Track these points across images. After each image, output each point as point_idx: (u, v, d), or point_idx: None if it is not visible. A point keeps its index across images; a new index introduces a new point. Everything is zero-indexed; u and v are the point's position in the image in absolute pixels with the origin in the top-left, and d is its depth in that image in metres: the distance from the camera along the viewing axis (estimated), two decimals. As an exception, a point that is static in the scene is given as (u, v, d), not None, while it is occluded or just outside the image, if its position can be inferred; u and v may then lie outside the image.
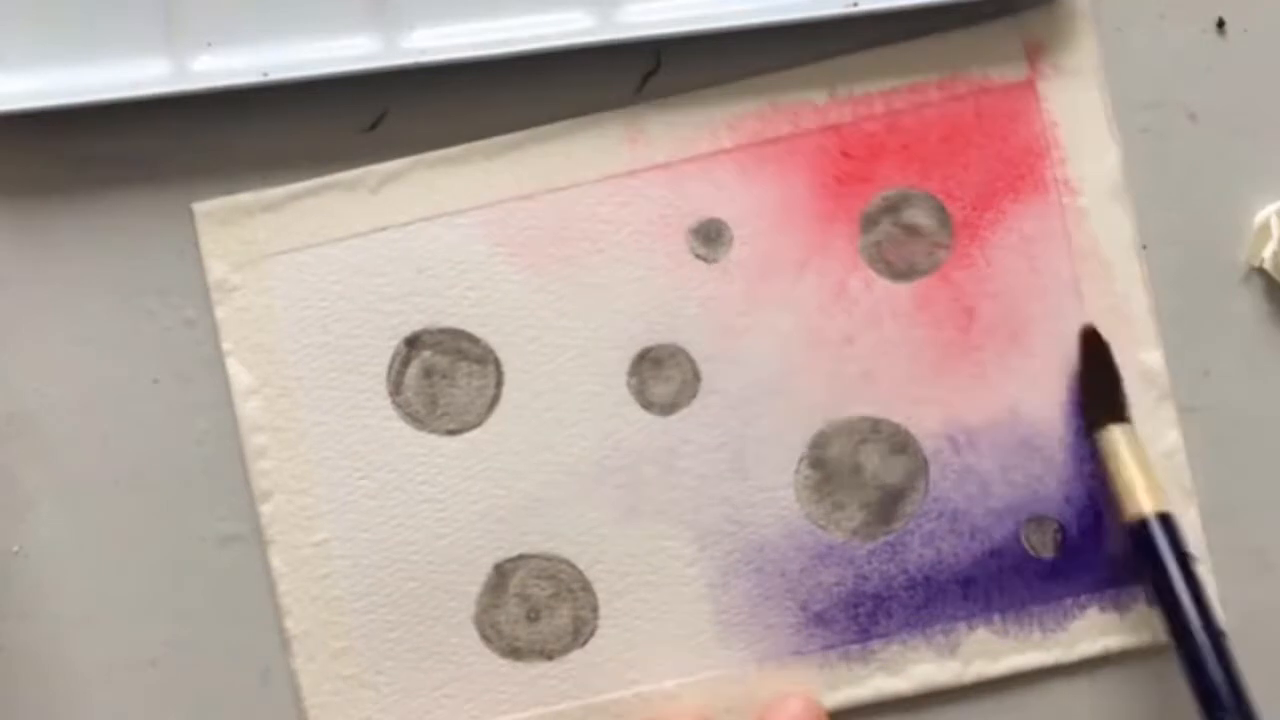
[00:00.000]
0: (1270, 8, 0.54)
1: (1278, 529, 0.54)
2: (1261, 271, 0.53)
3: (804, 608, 0.53)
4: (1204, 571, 0.52)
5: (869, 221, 0.53)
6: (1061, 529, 0.53)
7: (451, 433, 0.53)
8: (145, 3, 0.52)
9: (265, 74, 0.52)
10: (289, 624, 0.53)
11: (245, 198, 0.53)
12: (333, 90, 0.53)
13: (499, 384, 0.53)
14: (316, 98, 0.53)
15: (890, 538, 0.53)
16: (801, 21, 0.52)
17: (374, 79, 0.52)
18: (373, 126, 0.54)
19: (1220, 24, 0.54)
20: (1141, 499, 0.50)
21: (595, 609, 0.53)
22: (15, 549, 0.54)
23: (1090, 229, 0.53)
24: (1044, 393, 0.53)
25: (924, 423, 0.53)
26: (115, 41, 0.52)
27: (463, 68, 0.52)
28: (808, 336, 0.53)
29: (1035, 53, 0.53)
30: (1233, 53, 0.54)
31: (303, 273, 0.53)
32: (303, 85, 0.52)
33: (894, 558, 0.53)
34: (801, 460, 0.53)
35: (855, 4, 0.51)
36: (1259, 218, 0.53)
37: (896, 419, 0.53)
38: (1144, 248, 0.53)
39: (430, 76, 0.52)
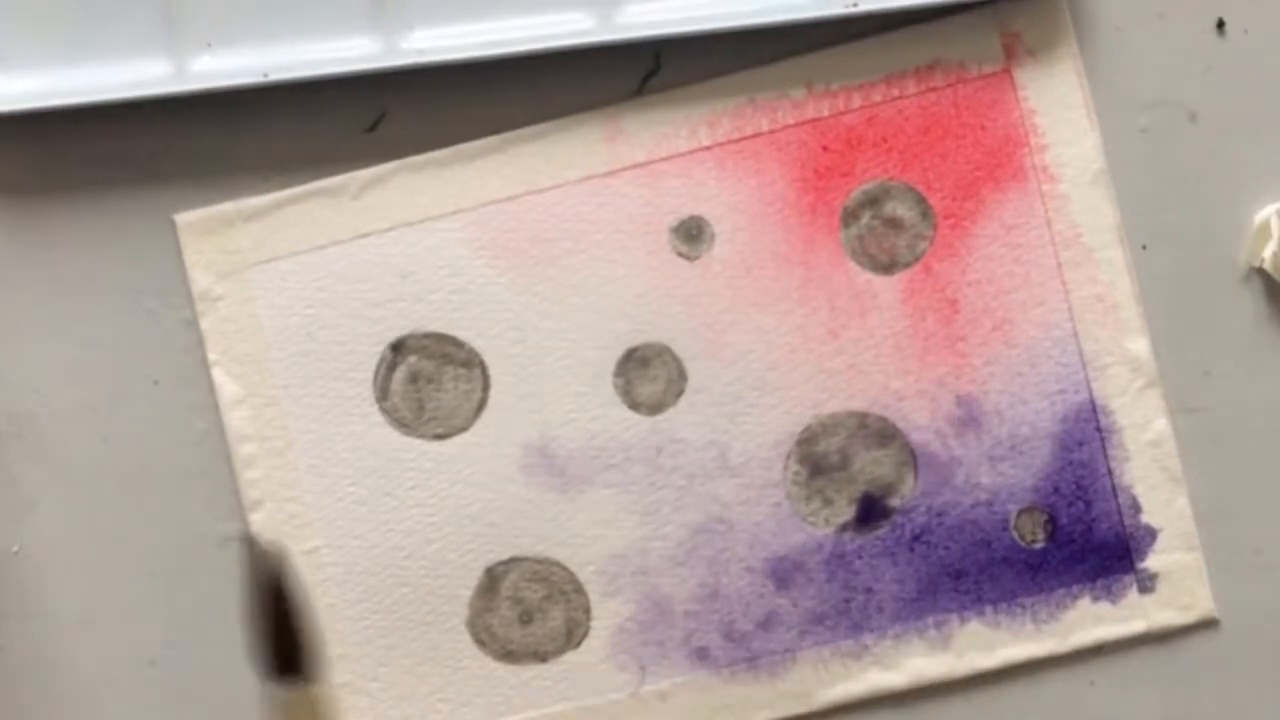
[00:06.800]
0: (1270, 8, 0.53)
1: (1277, 528, 0.53)
2: (1261, 271, 0.53)
3: (796, 604, 0.53)
4: (1200, 565, 0.52)
5: (850, 215, 0.53)
6: (1051, 519, 0.53)
7: (439, 437, 0.54)
8: (145, 3, 0.53)
9: (265, 75, 0.52)
10: (282, 632, 0.53)
11: (227, 207, 0.53)
12: (332, 91, 0.53)
13: (485, 387, 0.53)
14: (316, 99, 0.53)
15: (880, 532, 0.53)
16: (803, 22, 0.52)
17: (374, 80, 0.52)
18: (373, 127, 0.54)
19: (1220, 24, 0.53)
20: None
21: (588, 610, 0.53)
22: (15, 549, 0.54)
23: (1071, 216, 0.53)
24: (1030, 382, 0.53)
25: (911, 415, 0.53)
26: (115, 42, 0.53)
27: (463, 69, 0.52)
28: (792, 332, 0.53)
29: (1011, 42, 0.53)
30: (1233, 53, 0.53)
31: (286, 281, 0.53)
32: (303, 86, 0.52)
33: (884, 552, 0.53)
34: (789, 456, 0.53)
35: (855, 4, 0.51)
36: (1259, 218, 0.53)
37: (883, 412, 0.53)
38: (1144, 248, 0.53)
39: (430, 77, 0.53)
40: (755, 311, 0.53)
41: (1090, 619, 0.53)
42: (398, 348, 0.54)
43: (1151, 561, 0.53)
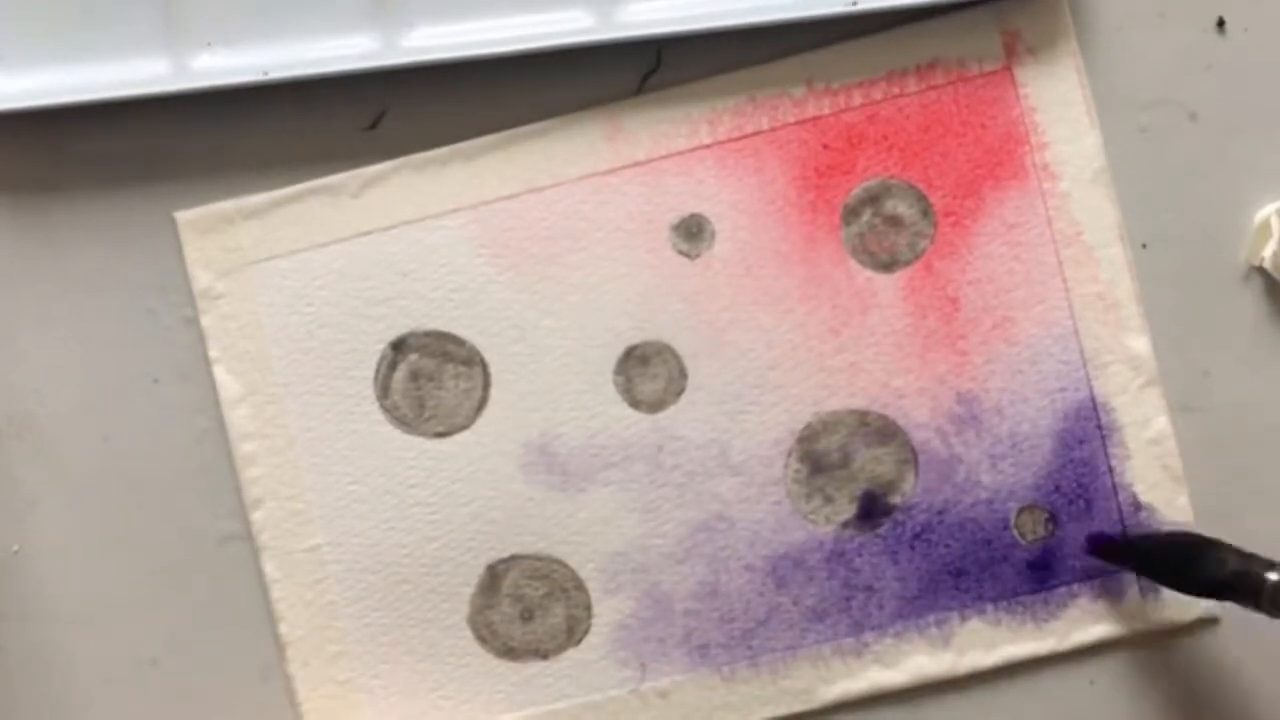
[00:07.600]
0: (1270, 8, 0.53)
1: (1277, 528, 0.53)
2: (1261, 271, 0.53)
3: (796, 602, 0.53)
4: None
5: (851, 213, 0.53)
6: (1052, 517, 0.53)
7: (440, 435, 0.54)
8: (145, 2, 0.53)
9: (265, 73, 0.52)
10: (283, 629, 0.53)
11: (227, 205, 0.53)
12: (333, 89, 0.53)
13: (486, 385, 0.53)
14: (316, 97, 0.53)
15: (881, 530, 0.53)
16: (804, 20, 0.51)
17: (374, 78, 0.52)
18: (373, 125, 0.54)
19: (1220, 24, 0.53)
20: None
21: (588, 607, 0.53)
22: (15, 549, 0.54)
23: (1072, 214, 0.53)
24: (1030, 380, 0.53)
25: (911, 413, 0.53)
26: (115, 41, 0.53)
27: (463, 67, 0.52)
28: (793, 330, 0.53)
29: (1011, 40, 0.53)
30: (1233, 53, 0.53)
31: (287, 279, 0.53)
32: (303, 84, 0.52)
33: (885, 550, 0.53)
34: (790, 454, 0.53)
35: (855, 2, 0.51)
36: (1259, 217, 0.53)
37: (884, 410, 0.53)
38: (1144, 246, 0.53)
39: (430, 75, 0.53)
40: (756, 309, 0.53)
41: (1090, 617, 0.53)
42: (398, 346, 0.54)
43: (1152, 560, 0.53)
